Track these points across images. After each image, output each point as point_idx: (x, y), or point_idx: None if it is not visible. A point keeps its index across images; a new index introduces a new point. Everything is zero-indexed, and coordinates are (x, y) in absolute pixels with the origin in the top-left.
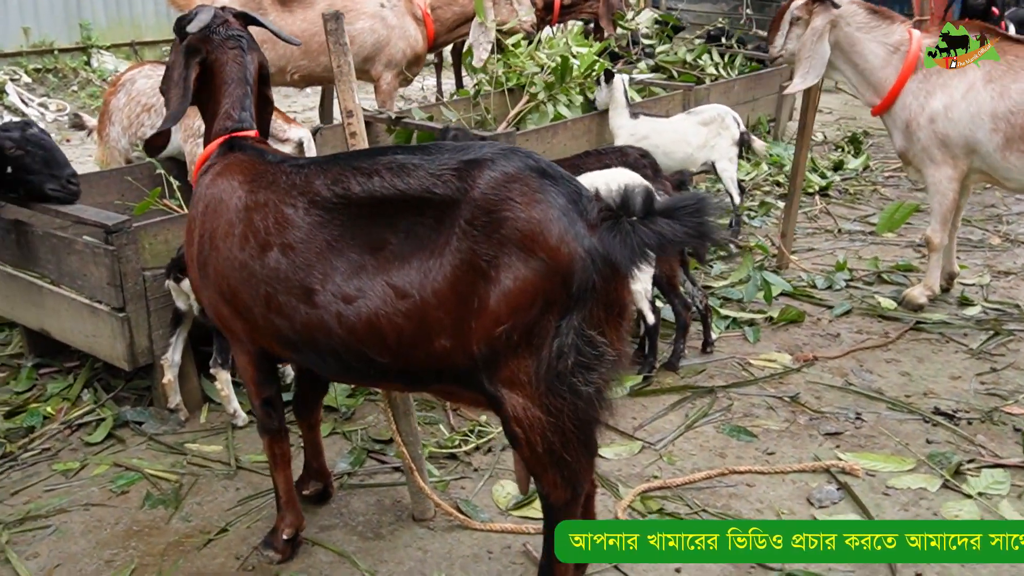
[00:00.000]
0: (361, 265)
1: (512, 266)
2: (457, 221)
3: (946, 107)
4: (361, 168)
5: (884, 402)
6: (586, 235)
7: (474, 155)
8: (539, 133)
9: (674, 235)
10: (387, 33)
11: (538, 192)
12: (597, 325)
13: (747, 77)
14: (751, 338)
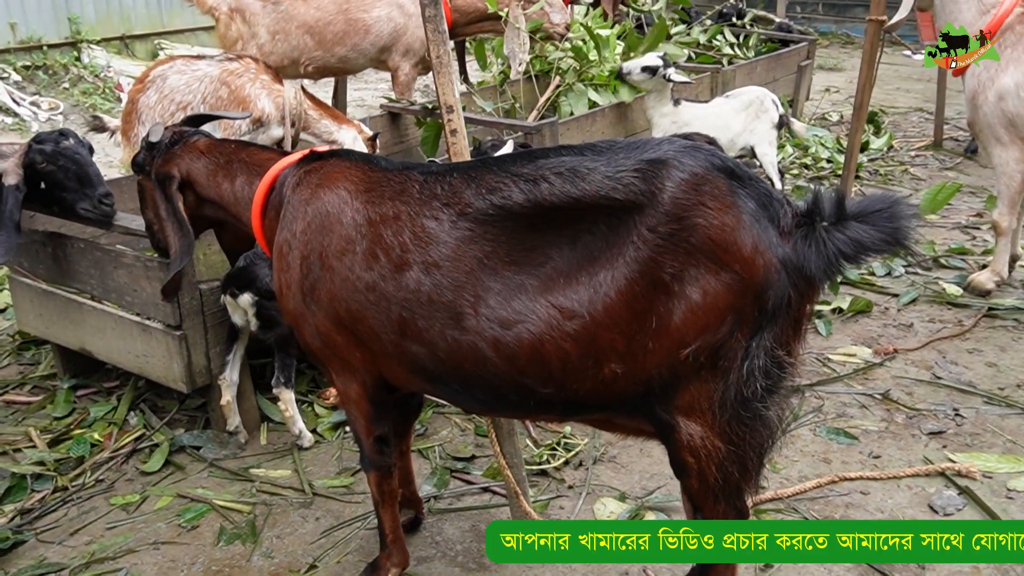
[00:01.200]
0: (520, 284)
1: (701, 279)
2: (637, 229)
3: (1018, 85)
4: (523, 174)
5: (979, 396)
6: (780, 244)
7: (655, 154)
8: (579, 122)
9: (871, 242)
10: (405, 21)
11: (729, 195)
12: (786, 343)
13: (768, 57)
14: (823, 331)
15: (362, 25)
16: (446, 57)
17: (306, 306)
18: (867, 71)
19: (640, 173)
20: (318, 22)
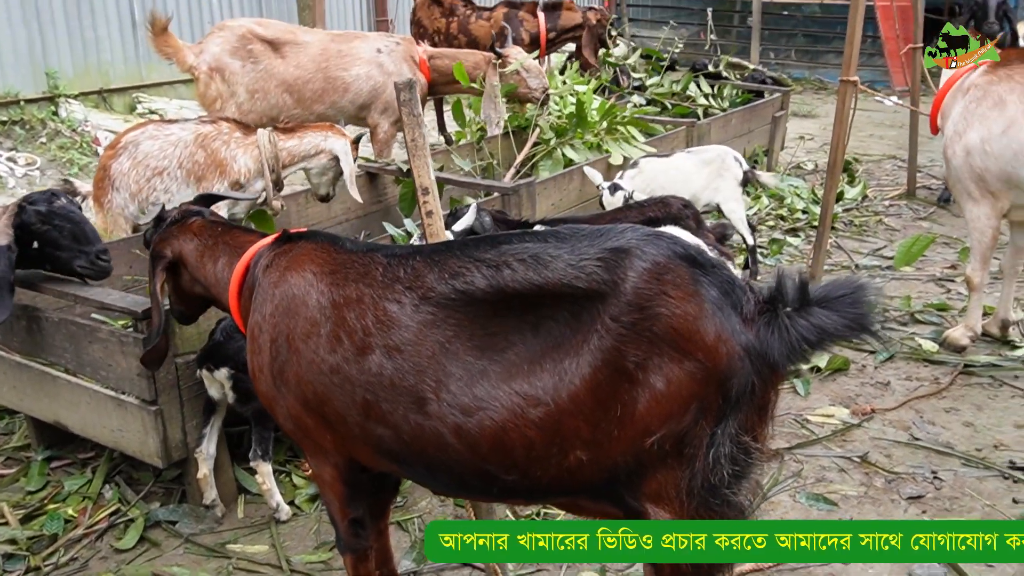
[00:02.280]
0: (483, 370)
1: (665, 368)
2: (600, 317)
3: (983, 140)
4: (486, 259)
5: (957, 458)
6: (743, 331)
7: (618, 242)
8: (556, 181)
9: (835, 328)
10: (384, 80)
11: (691, 284)
12: (751, 429)
13: (743, 109)
14: (802, 391)
15: (341, 83)
16: (421, 140)
17: (277, 389)
18: (840, 131)
19: (603, 262)
20: (297, 80)
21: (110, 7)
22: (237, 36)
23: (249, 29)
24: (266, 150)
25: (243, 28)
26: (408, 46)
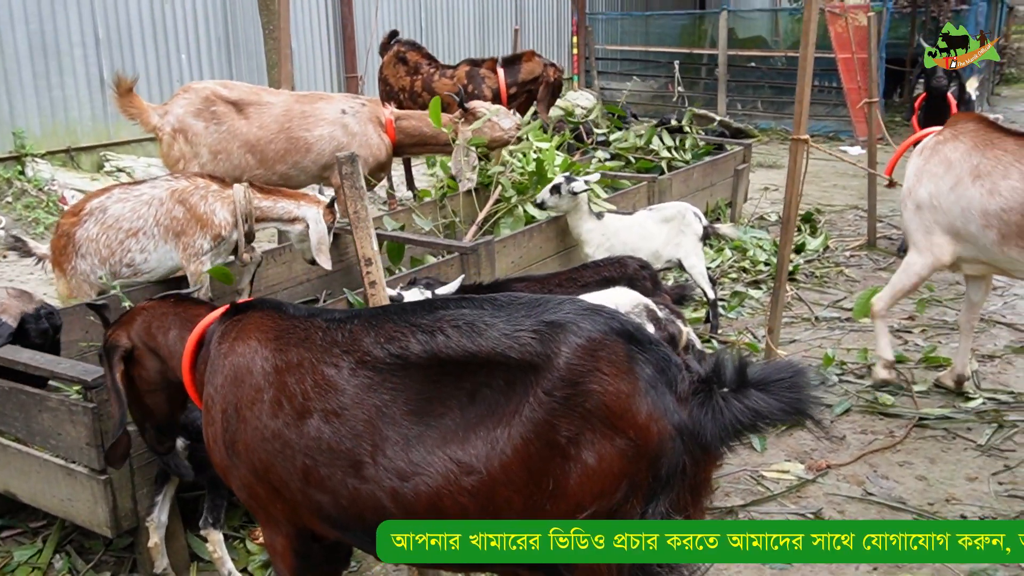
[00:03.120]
0: (419, 435)
1: (596, 444)
2: (533, 390)
3: (932, 196)
4: (421, 325)
5: (910, 513)
6: (676, 410)
7: (554, 315)
8: (516, 239)
9: (770, 412)
10: (348, 140)
11: (626, 361)
12: (684, 508)
13: (705, 163)
14: (758, 447)
15: (304, 143)
16: (363, 212)
17: (230, 459)
18: (792, 188)
19: (538, 334)
20: (260, 141)
21: (78, 66)
22: (201, 98)
23: (213, 91)
24: (241, 204)
25: (207, 90)
26: (373, 107)
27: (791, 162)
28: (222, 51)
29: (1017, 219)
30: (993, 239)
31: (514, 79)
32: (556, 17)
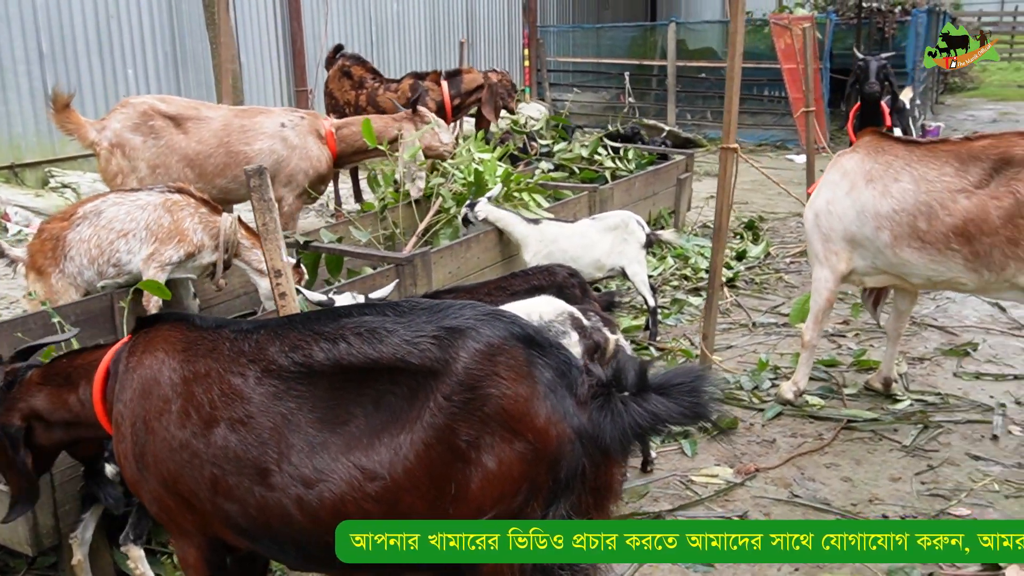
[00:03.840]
0: (323, 442)
1: (496, 448)
2: (434, 395)
3: (828, 202)
4: (324, 333)
5: (834, 513)
6: (575, 414)
7: (455, 321)
8: (452, 249)
9: (668, 415)
10: (288, 153)
11: (525, 365)
12: (585, 512)
13: (646, 173)
14: (689, 452)
15: (244, 157)
16: (272, 224)
17: (140, 473)
18: (723, 196)
19: (437, 340)
20: (198, 155)
21: (21, 80)
22: (139, 112)
23: (151, 106)
24: (226, 232)
25: (145, 104)
26: (313, 120)
27: (721, 171)
28: (169, 66)
29: (908, 219)
30: (886, 241)
31: (457, 90)
32: (507, 30)
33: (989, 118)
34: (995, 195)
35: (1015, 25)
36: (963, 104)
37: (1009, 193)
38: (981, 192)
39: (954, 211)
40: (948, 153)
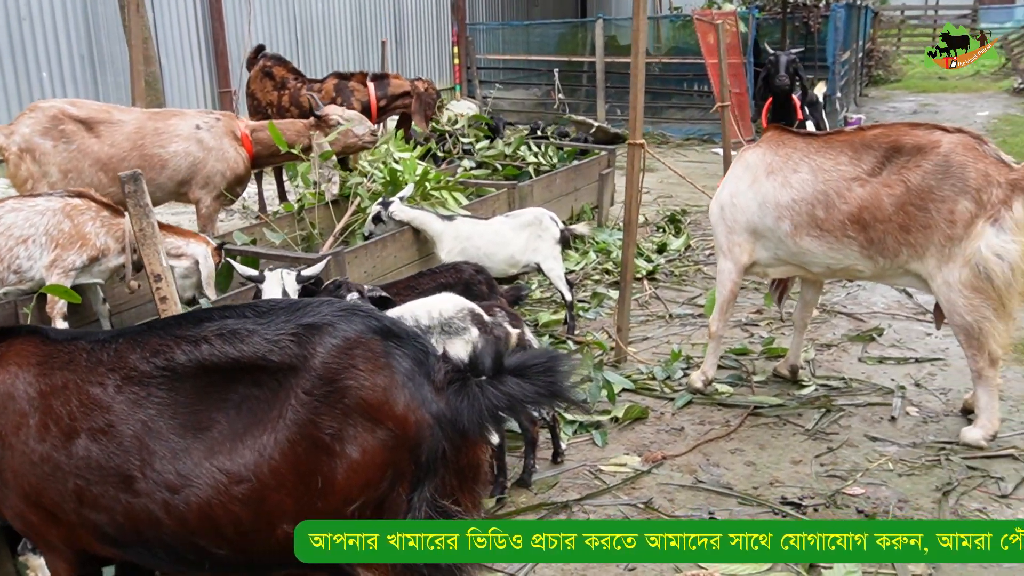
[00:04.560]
0: (186, 448)
1: (359, 438)
2: (294, 391)
3: (732, 195)
4: (186, 336)
5: (734, 497)
6: (434, 400)
7: (312, 318)
8: (368, 248)
9: (524, 396)
10: (204, 155)
11: (382, 357)
12: (451, 493)
13: (567, 169)
14: (599, 442)
15: (158, 160)
16: (150, 230)
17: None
18: (631, 191)
19: (296, 337)
20: (112, 159)
21: None
22: (48, 116)
23: (61, 109)
24: (130, 233)
25: (55, 108)
26: (228, 121)
27: (628, 166)
28: (86, 68)
29: (807, 208)
30: (787, 230)
31: (384, 93)
32: (436, 28)
33: (910, 109)
34: (887, 183)
35: (937, 19)
36: (886, 96)
37: (900, 181)
38: (874, 180)
39: (850, 199)
40: (843, 144)
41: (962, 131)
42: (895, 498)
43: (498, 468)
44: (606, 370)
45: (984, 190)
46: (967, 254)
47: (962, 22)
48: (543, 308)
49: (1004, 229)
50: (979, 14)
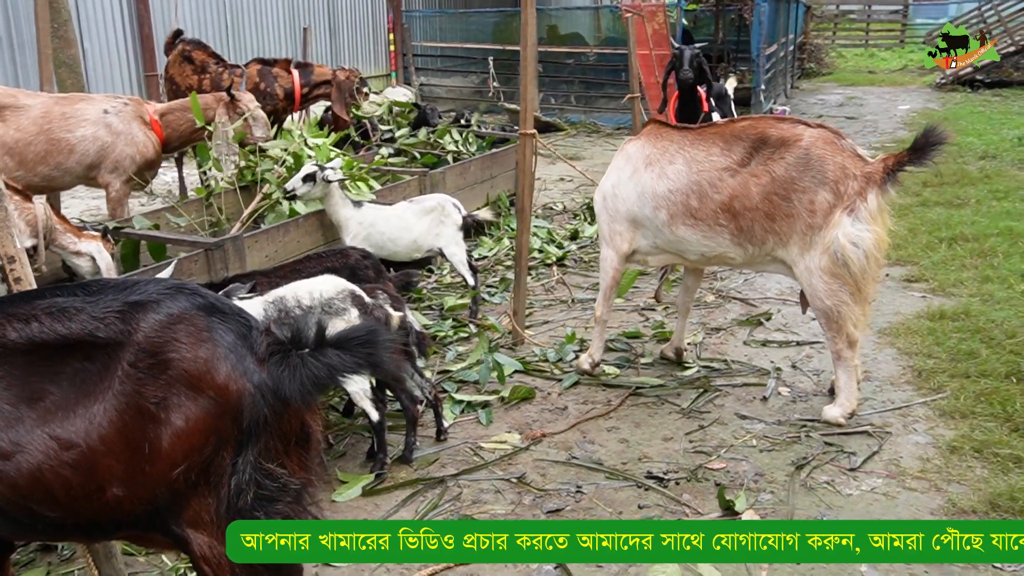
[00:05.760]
0: (18, 417)
1: (183, 406)
2: (121, 364)
3: (614, 185)
4: (17, 314)
5: (603, 472)
6: (256, 370)
7: (139, 296)
8: (269, 233)
9: (343, 366)
10: (112, 140)
11: (205, 331)
12: (276, 457)
13: (483, 157)
14: (484, 420)
15: (65, 145)
16: (3, 213)
17: None
18: (524, 178)
19: (121, 314)
20: (18, 143)
21: None
22: None
23: None
24: (42, 218)
25: None
26: (137, 106)
27: (520, 155)
28: (3, 50)
29: (682, 198)
30: (664, 219)
31: (307, 80)
32: (371, 14)
33: (836, 102)
34: (755, 173)
35: (870, 14)
36: (816, 88)
37: (766, 172)
38: (744, 171)
39: (721, 188)
40: (715, 135)
41: (823, 127)
42: (752, 472)
43: (378, 444)
44: (500, 352)
45: (841, 182)
46: (826, 242)
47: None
48: (452, 292)
49: (860, 219)
50: (911, 10)
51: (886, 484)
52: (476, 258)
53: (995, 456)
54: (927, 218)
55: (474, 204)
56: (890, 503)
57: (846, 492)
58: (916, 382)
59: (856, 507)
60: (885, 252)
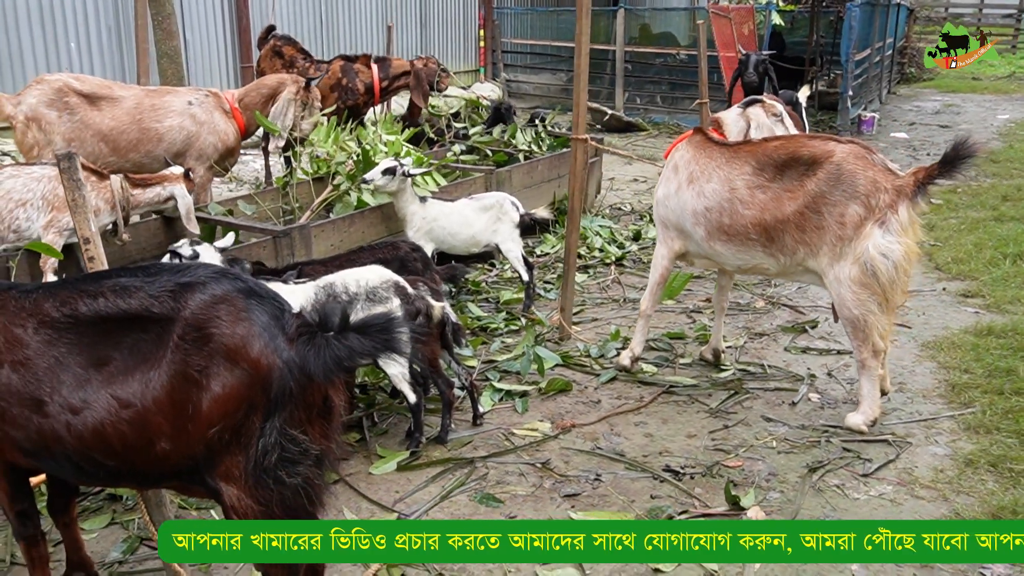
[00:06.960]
0: (87, 379)
1: (220, 375)
2: (171, 336)
3: (665, 196)
4: (87, 291)
5: (623, 463)
6: (285, 348)
7: (189, 278)
8: (335, 224)
9: (362, 348)
10: (197, 129)
11: (243, 311)
12: (299, 424)
13: (551, 156)
14: (520, 409)
15: (155, 134)
16: (81, 200)
17: None
18: (575, 181)
19: (173, 293)
20: (112, 131)
21: None
22: (54, 89)
23: (65, 83)
24: (118, 193)
25: (60, 82)
26: (216, 98)
27: (572, 160)
28: (112, 41)
29: (716, 216)
30: (702, 235)
31: (386, 74)
32: (462, 10)
33: (933, 109)
34: (787, 188)
35: (981, 17)
36: (914, 95)
37: (798, 186)
38: (775, 186)
39: (752, 204)
40: (748, 154)
41: (854, 142)
42: (766, 471)
43: (415, 424)
44: (545, 346)
45: (872, 195)
46: (856, 253)
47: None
48: (509, 287)
49: (890, 231)
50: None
51: (895, 491)
52: (537, 255)
53: (1009, 471)
54: (996, 233)
55: (540, 203)
56: (895, 509)
57: (853, 496)
58: (948, 395)
59: (860, 511)
60: (914, 264)
